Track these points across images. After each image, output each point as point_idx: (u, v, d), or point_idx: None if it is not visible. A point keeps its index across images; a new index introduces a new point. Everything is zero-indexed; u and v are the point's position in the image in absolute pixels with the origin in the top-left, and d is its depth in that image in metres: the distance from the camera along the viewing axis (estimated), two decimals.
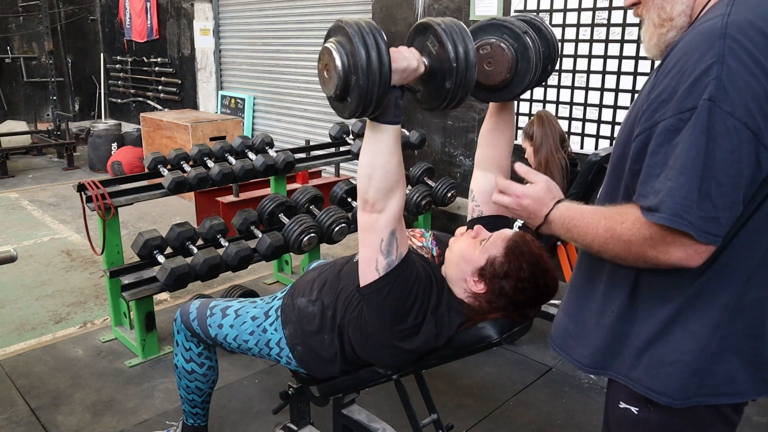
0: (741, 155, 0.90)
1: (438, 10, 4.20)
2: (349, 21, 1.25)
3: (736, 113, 0.89)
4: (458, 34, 1.28)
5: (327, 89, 1.30)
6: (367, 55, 1.20)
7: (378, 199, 1.35)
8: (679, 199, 0.92)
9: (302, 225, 2.96)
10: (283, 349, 1.75)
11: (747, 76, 0.90)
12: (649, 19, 1.11)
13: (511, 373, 2.76)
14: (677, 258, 0.96)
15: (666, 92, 0.96)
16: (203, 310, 1.88)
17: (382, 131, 1.32)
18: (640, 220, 0.99)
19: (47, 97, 8.11)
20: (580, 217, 1.11)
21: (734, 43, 0.91)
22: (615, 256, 1.05)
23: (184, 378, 1.98)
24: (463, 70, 1.28)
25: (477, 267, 1.50)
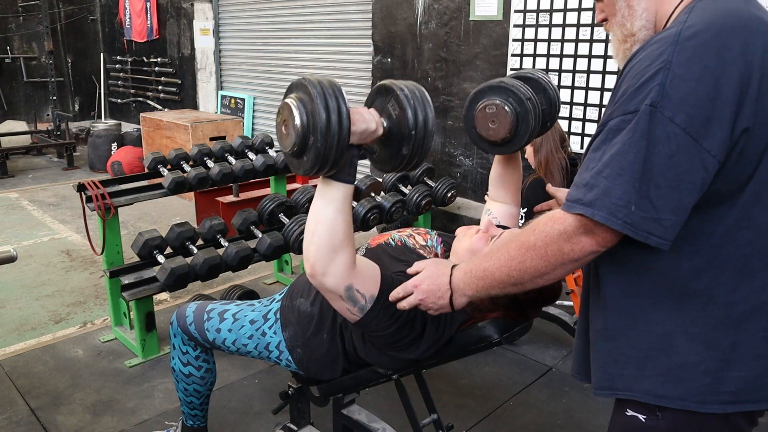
0: (680, 160, 0.92)
1: (438, 10, 4.21)
2: (312, 80, 1.25)
3: (676, 119, 0.91)
4: (419, 101, 1.30)
5: (284, 145, 1.30)
6: (328, 118, 1.20)
7: (318, 259, 1.31)
8: (615, 199, 0.94)
9: (302, 225, 2.96)
10: (283, 352, 1.74)
11: (692, 82, 0.92)
12: (614, 35, 1.16)
13: (511, 373, 2.76)
14: (589, 246, 0.99)
15: (620, 95, 0.99)
16: (200, 314, 1.86)
17: (334, 188, 1.31)
18: (553, 218, 1.02)
19: (47, 97, 8.11)
20: (486, 259, 1.14)
21: (684, 48, 0.93)
22: (534, 272, 1.06)
23: (182, 381, 1.97)
24: (420, 138, 1.30)
25: None
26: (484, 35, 3.96)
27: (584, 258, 1.01)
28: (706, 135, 0.92)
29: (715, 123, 0.92)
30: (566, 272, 1.05)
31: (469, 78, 4.08)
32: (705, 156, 0.92)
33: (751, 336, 1.02)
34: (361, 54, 5.05)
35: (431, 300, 1.26)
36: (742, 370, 1.02)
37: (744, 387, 1.03)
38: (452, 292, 1.22)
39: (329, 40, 5.40)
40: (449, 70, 4.21)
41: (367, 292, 1.39)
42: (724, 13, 0.98)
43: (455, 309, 1.26)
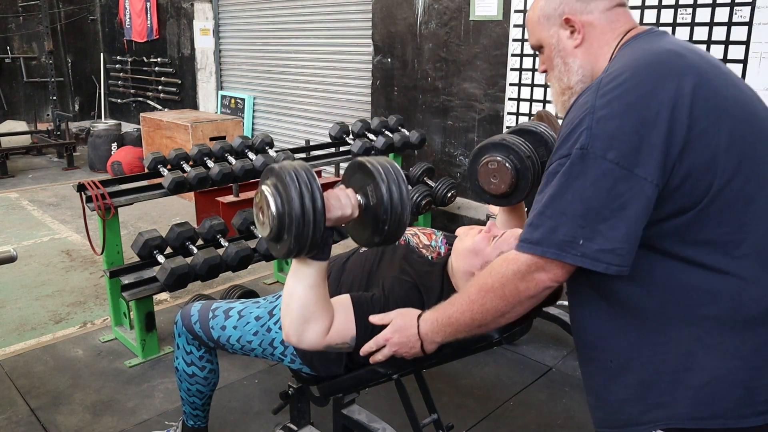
0: (620, 191, 0.98)
1: (438, 10, 4.21)
2: (286, 166, 1.28)
3: (608, 156, 0.98)
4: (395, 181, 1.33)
5: (261, 230, 1.34)
6: (302, 205, 1.24)
7: (292, 329, 1.40)
8: (561, 236, 1.01)
9: None
10: (288, 347, 1.74)
11: (616, 119, 0.99)
12: (553, 88, 1.26)
13: (511, 373, 2.76)
14: (542, 282, 1.06)
15: (558, 143, 1.07)
16: (205, 312, 1.87)
17: (307, 264, 1.37)
18: (507, 258, 1.10)
19: (47, 97, 8.11)
20: (450, 305, 1.22)
21: (605, 92, 1.02)
22: (495, 312, 1.13)
23: (185, 381, 1.97)
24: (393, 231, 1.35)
25: (487, 261, 1.51)
26: (484, 35, 3.96)
27: (540, 294, 1.08)
28: (637, 164, 0.98)
29: (644, 151, 0.98)
30: (525, 309, 1.12)
31: (469, 78, 4.08)
32: (642, 183, 0.98)
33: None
34: (361, 54, 5.05)
35: (404, 350, 1.35)
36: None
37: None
38: (422, 341, 1.30)
39: (329, 40, 5.40)
40: (449, 70, 4.21)
41: (346, 337, 1.47)
42: (637, 54, 1.08)
43: (427, 353, 1.34)
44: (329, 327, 1.43)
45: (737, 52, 2.90)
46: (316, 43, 5.56)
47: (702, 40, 3.01)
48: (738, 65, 2.91)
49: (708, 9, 2.96)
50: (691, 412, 1.04)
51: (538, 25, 1.25)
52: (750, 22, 2.85)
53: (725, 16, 2.92)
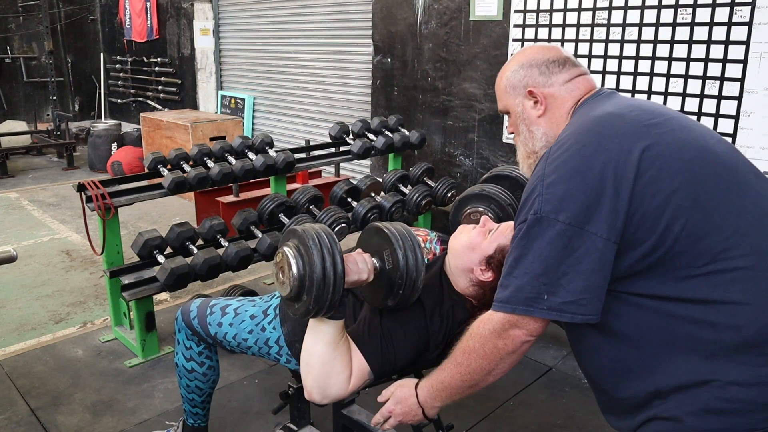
0: (574, 247, 1.06)
1: (438, 10, 4.21)
2: (308, 230, 1.32)
3: (560, 217, 1.06)
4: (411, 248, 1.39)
5: (281, 289, 1.37)
6: (323, 269, 1.28)
7: (315, 388, 1.41)
8: (527, 293, 1.09)
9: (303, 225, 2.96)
10: (282, 347, 1.75)
11: (563, 183, 1.07)
12: (519, 152, 1.36)
13: (511, 373, 2.73)
14: (518, 338, 1.14)
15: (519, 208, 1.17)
16: (203, 308, 1.88)
17: (324, 323, 1.39)
18: (483, 319, 1.18)
19: (47, 97, 8.11)
20: (441, 370, 1.29)
21: (552, 161, 1.11)
22: (481, 371, 1.21)
23: (185, 377, 1.98)
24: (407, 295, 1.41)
25: (485, 255, 1.52)
26: (484, 35, 3.96)
27: (519, 348, 1.16)
28: (588, 221, 1.05)
29: (592, 210, 1.05)
30: (509, 365, 1.20)
31: (469, 78, 4.08)
32: (595, 239, 1.05)
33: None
34: (361, 54, 5.05)
35: (408, 419, 1.40)
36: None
37: None
38: (423, 408, 1.36)
39: (329, 40, 5.40)
40: (449, 70, 4.21)
41: (364, 375, 1.47)
42: (581, 121, 1.18)
43: (430, 418, 1.39)
44: (350, 377, 1.45)
45: (737, 52, 2.90)
46: (316, 43, 5.56)
47: (702, 40, 3.01)
48: (738, 65, 2.91)
49: (708, 9, 2.96)
50: (699, 424, 1.05)
51: (504, 93, 1.36)
52: (750, 22, 2.85)
53: (725, 16, 2.92)
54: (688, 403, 1.06)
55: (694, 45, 3.05)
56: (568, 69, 1.31)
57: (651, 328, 1.09)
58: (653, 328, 1.08)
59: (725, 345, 1.03)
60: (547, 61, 1.31)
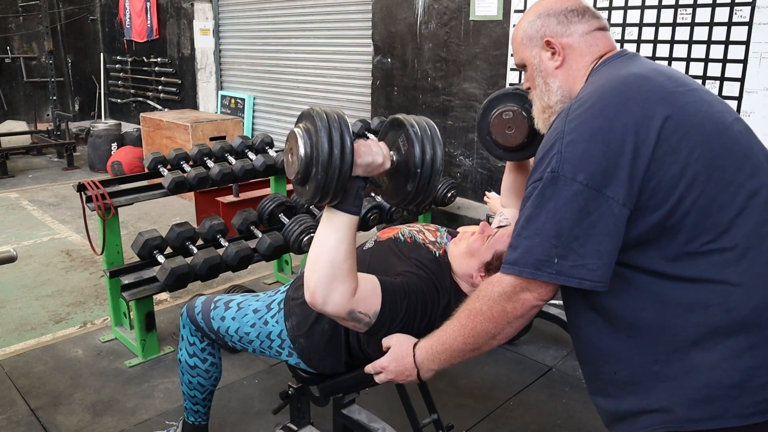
0: (589, 210, 1.03)
1: (438, 10, 4.21)
2: (319, 111, 1.27)
3: (578, 178, 1.03)
4: (429, 138, 1.32)
5: (289, 172, 1.34)
6: (330, 151, 1.23)
7: (318, 288, 1.33)
8: (537, 255, 1.05)
9: (302, 225, 2.96)
10: (285, 341, 1.75)
11: (584, 143, 1.04)
12: (535, 106, 1.32)
13: (511, 373, 2.76)
14: (529, 302, 1.10)
15: (533, 168, 1.13)
16: (208, 303, 1.90)
17: (337, 218, 1.33)
18: (492, 281, 1.14)
19: (47, 97, 8.11)
20: (442, 332, 1.24)
21: (573, 117, 1.08)
22: (486, 335, 1.15)
23: (187, 373, 1.98)
24: (426, 177, 1.33)
25: (483, 262, 1.52)
26: (484, 35, 3.96)
27: (527, 313, 1.11)
28: (606, 185, 1.03)
29: (612, 173, 1.03)
30: (515, 329, 1.15)
31: (469, 78, 4.08)
32: (611, 203, 1.03)
33: (764, 336, 1.03)
34: (361, 54, 5.05)
35: (400, 378, 1.36)
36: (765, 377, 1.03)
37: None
38: (418, 370, 1.32)
39: (329, 40, 5.40)
40: (449, 70, 4.21)
41: (370, 310, 1.42)
42: (604, 79, 1.14)
43: (423, 381, 1.35)
44: (355, 290, 1.37)
45: (737, 52, 2.90)
46: (316, 43, 5.56)
47: (702, 40, 3.01)
48: (738, 65, 2.91)
49: (708, 9, 2.96)
50: (689, 414, 1.06)
51: (521, 45, 1.31)
52: (750, 22, 2.85)
53: (725, 16, 2.92)
54: (677, 393, 1.06)
55: (694, 45, 3.05)
56: (588, 20, 1.25)
57: (642, 308, 1.08)
58: (644, 308, 1.08)
59: (714, 328, 1.04)
60: (566, 10, 1.26)
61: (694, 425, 1.06)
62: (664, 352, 1.07)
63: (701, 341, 1.04)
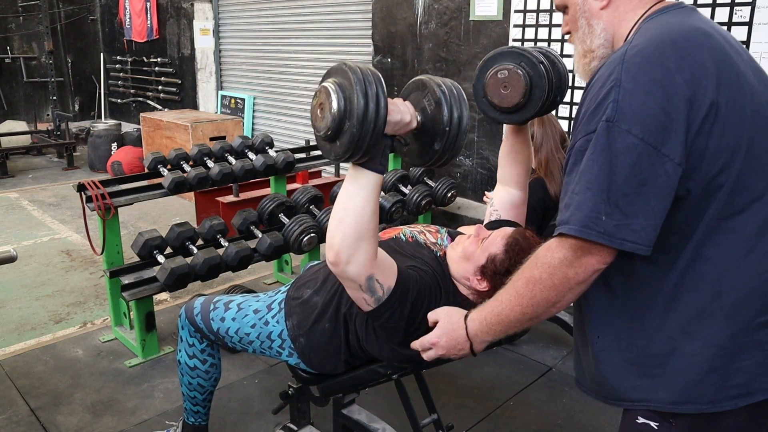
0: (642, 167, 0.97)
1: (438, 10, 4.20)
2: (352, 66, 1.26)
3: (633, 130, 0.97)
4: (456, 98, 1.31)
5: (317, 127, 1.31)
6: (366, 105, 1.21)
7: (344, 247, 1.32)
8: (586, 212, 0.99)
9: (302, 225, 2.96)
10: (285, 341, 1.75)
11: (642, 95, 0.98)
12: (576, 50, 1.24)
13: (511, 373, 2.76)
14: (591, 266, 1.02)
15: (581, 117, 1.06)
16: (207, 304, 1.90)
17: (364, 176, 1.32)
18: (550, 247, 1.06)
19: (47, 97, 8.11)
20: (497, 303, 1.17)
21: (631, 66, 1.01)
22: (546, 303, 1.08)
23: (187, 374, 1.98)
24: (454, 135, 1.31)
25: (478, 265, 1.52)
26: (484, 35, 3.96)
27: (589, 278, 1.04)
28: (664, 142, 0.97)
29: (670, 129, 0.97)
30: (576, 295, 1.07)
31: (469, 78, 4.08)
32: (665, 161, 0.97)
33: (746, 325, 1.04)
34: (361, 54, 5.05)
35: (452, 353, 1.29)
36: (745, 361, 1.04)
37: (750, 378, 1.04)
38: (471, 342, 1.25)
39: (329, 40, 5.39)
40: (449, 70, 4.21)
41: (386, 283, 1.40)
42: (664, 29, 1.06)
43: (476, 354, 1.29)
44: (377, 254, 1.36)
45: None
46: (316, 43, 5.55)
47: None
48: None
49: (708, 9, 2.96)
50: (668, 396, 1.07)
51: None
52: (750, 22, 2.85)
53: (725, 16, 2.92)
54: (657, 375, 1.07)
55: None
56: None
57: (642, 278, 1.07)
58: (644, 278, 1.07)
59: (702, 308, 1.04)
60: None
61: (671, 407, 1.07)
62: (652, 333, 1.08)
63: (688, 325, 1.05)
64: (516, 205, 1.77)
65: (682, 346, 1.05)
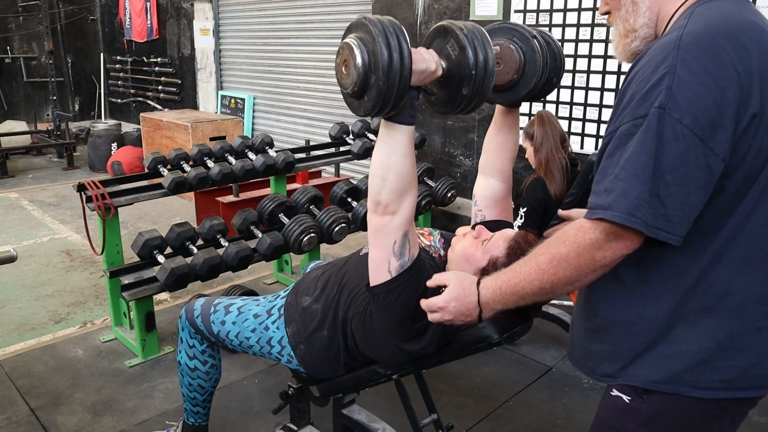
0: (688, 159, 0.96)
1: (438, 10, 4.20)
2: (372, 19, 1.24)
3: (684, 120, 0.95)
4: (479, 40, 1.28)
5: (343, 85, 1.29)
6: (389, 56, 1.19)
7: (391, 201, 1.35)
8: (632, 198, 0.97)
9: (302, 225, 2.96)
10: (285, 347, 1.75)
11: (696, 86, 0.96)
12: (617, 29, 1.19)
13: (511, 373, 2.76)
14: (620, 251, 1.01)
15: (627, 100, 1.03)
16: (207, 306, 1.90)
17: (397, 131, 1.32)
18: (584, 227, 1.03)
19: (47, 97, 8.11)
20: (515, 275, 1.15)
21: (686, 53, 0.97)
22: (566, 281, 1.07)
23: (187, 375, 1.98)
24: (481, 78, 1.28)
25: (479, 267, 1.51)
26: None
27: (615, 262, 1.03)
28: (712, 136, 0.96)
29: (719, 124, 0.96)
30: (596, 277, 1.07)
31: None
32: (710, 155, 0.96)
33: (745, 326, 1.06)
34: None
35: (459, 319, 1.28)
36: (737, 360, 1.06)
37: (737, 376, 1.07)
38: (481, 310, 1.24)
39: (329, 40, 5.40)
40: None
41: (413, 248, 1.40)
42: (719, 18, 1.02)
43: (482, 321, 1.28)
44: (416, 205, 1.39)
45: None
46: (316, 43, 5.56)
47: None
48: None
49: None
50: (649, 374, 1.09)
51: None
52: None
53: None
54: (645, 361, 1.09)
55: None
56: None
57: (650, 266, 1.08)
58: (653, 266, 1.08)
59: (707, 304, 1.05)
60: None
61: (650, 385, 1.10)
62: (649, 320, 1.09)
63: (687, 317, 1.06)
64: (499, 201, 1.72)
65: (676, 334, 1.07)
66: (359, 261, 1.68)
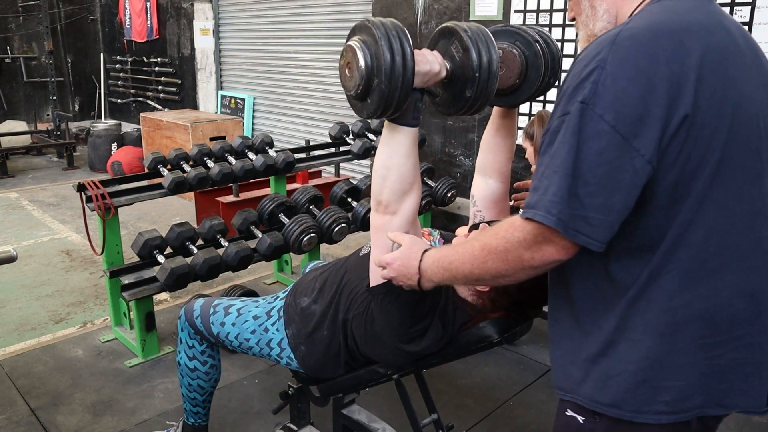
0: (609, 157, 0.92)
1: (438, 10, 4.20)
2: (376, 21, 1.25)
3: (606, 116, 0.91)
4: (483, 42, 1.29)
5: (347, 87, 1.30)
6: (392, 59, 1.20)
7: (391, 201, 1.35)
8: (550, 196, 0.94)
9: (302, 225, 2.96)
10: (285, 349, 1.75)
11: (624, 81, 0.92)
12: (580, 35, 1.19)
13: (511, 373, 2.76)
14: (550, 255, 0.98)
15: (561, 95, 1.00)
16: (207, 308, 1.90)
17: (400, 132, 1.32)
18: (513, 225, 1.01)
19: (47, 97, 8.11)
20: (453, 252, 1.15)
21: (620, 48, 0.94)
22: (495, 273, 1.06)
23: (187, 376, 1.98)
24: (485, 80, 1.28)
25: None
26: None
27: (545, 266, 1.01)
28: (636, 134, 0.92)
29: (645, 123, 0.92)
30: (528, 276, 1.05)
31: None
32: (634, 155, 0.92)
33: (687, 344, 1.01)
34: None
35: (401, 280, 1.27)
36: (678, 380, 1.01)
37: (679, 396, 1.02)
38: (420, 277, 1.23)
39: (329, 40, 5.40)
40: None
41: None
42: (667, 16, 0.99)
43: (423, 290, 1.26)
44: (418, 207, 1.39)
45: None
46: (316, 43, 5.56)
47: None
48: None
49: None
50: (593, 394, 1.06)
51: None
52: (750, 22, 2.85)
53: None
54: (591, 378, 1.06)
55: None
56: None
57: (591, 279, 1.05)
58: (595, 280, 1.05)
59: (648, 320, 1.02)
60: None
61: (594, 406, 1.06)
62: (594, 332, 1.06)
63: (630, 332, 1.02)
64: (497, 201, 1.72)
65: (619, 350, 1.03)
66: (359, 261, 1.68)
